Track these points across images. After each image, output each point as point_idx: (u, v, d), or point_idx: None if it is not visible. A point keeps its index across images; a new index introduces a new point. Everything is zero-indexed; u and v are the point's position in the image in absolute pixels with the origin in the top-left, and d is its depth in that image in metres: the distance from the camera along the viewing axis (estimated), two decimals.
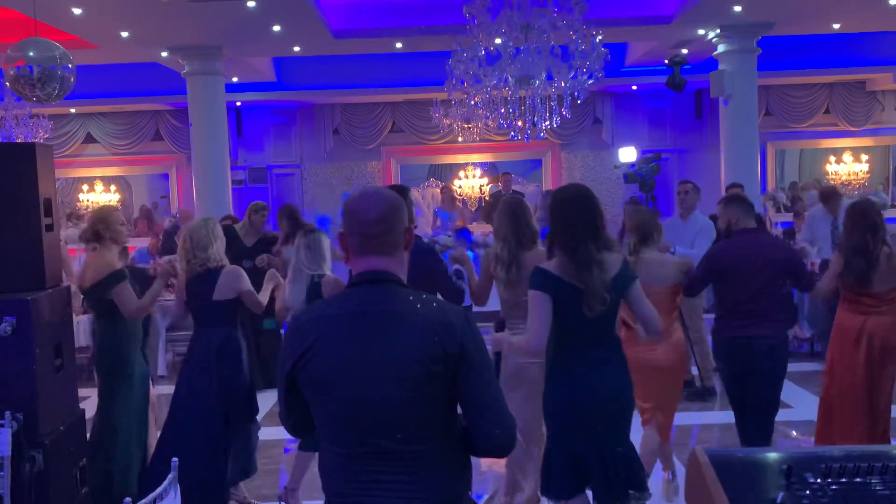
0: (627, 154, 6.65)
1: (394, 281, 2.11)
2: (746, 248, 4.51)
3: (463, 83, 7.52)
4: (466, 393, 2.06)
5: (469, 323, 2.08)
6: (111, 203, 15.37)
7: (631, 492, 3.42)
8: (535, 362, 3.80)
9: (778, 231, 11.33)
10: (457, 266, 4.71)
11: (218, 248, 4.65)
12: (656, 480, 4.68)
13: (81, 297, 5.10)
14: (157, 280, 4.73)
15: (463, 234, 9.41)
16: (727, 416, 6.60)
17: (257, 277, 5.17)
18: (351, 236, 2.12)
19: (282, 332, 4.86)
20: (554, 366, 3.45)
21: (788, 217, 12.33)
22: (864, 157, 15.33)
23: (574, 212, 3.37)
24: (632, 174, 6.66)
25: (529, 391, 3.99)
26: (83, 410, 4.05)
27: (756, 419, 4.55)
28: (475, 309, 4.85)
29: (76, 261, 9.96)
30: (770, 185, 14.87)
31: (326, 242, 4.88)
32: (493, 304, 4.54)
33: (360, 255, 2.11)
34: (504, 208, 4.31)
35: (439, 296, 4.24)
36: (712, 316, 4.86)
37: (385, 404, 2.01)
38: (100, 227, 4.62)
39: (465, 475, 2.17)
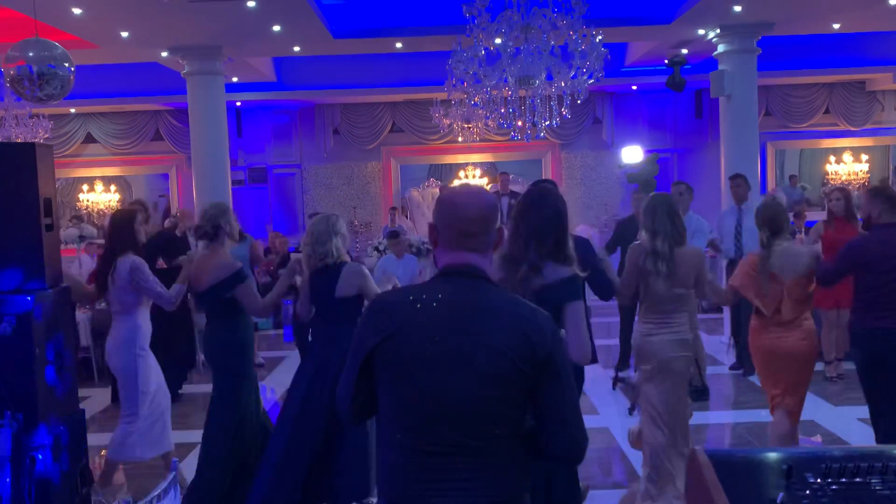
0: (631, 154, 6.61)
1: (485, 277, 2.12)
2: (888, 242, 4.57)
3: (463, 83, 7.51)
4: (548, 399, 2.05)
5: (557, 330, 2.10)
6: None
7: None
8: (682, 356, 4.35)
9: (815, 231, 11.30)
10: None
11: (337, 243, 4.52)
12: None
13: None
14: (283, 277, 4.72)
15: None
16: (726, 416, 6.64)
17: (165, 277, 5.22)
18: (447, 230, 2.14)
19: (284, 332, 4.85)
20: None
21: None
22: (864, 157, 15.34)
23: (533, 216, 3.31)
24: (632, 175, 6.65)
25: (674, 383, 4.38)
26: (83, 410, 4.05)
27: (892, 411, 4.59)
28: None
29: (75, 261, 9.96)
30: (770, 185, 14.87)
31: None
32: None
33: (454, 249, 2.13)
34: (659, 206, 4.38)
35: (589, 286, 4.31)
36: (707, 316, 4.89)
37: (464, 397, 1.99)
38: (221, 222, 4.62)
39: (526, 475, 2.14)
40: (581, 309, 3.26)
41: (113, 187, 15.65)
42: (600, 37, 6.96)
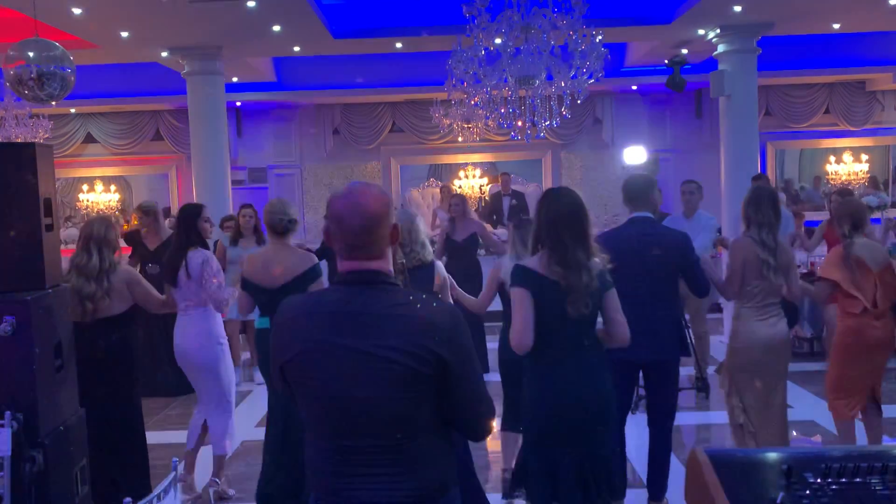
0: (633, 154, 6.59)
1: (381, 281, 2.11)
2: None
3: (463, 83, 7.51)
4: (452, 393, 2.09)
5: (455, 322, 2.08)
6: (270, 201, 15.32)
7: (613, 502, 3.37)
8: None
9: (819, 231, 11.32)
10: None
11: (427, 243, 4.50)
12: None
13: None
14: None
15: None
16: (727, 417, 6.63)
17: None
18: (337, 240, 2.12)
19: None
20: (532, 362, 3.40)
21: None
22: (864, 157, 15.33)
23: (566, 217, 3.35)
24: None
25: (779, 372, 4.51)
26: (83, 410, 4.05)
27: None
28: None
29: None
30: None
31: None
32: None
33: (348, 259, 2.12)
34: (764, 197, 4.40)
35: (683, 280, 4.38)
36: (714, 316, 4.91)
37: (369, 402, 2.03)
38: (296, 216, 4.64)
39: (451, 466, 2.18)
40: (616, 294, 3.39)
41: (113, 187, 15.64)
42: (600, 37, 6.97)
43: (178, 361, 4.98)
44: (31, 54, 6.77)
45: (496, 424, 4.68)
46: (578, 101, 7.36)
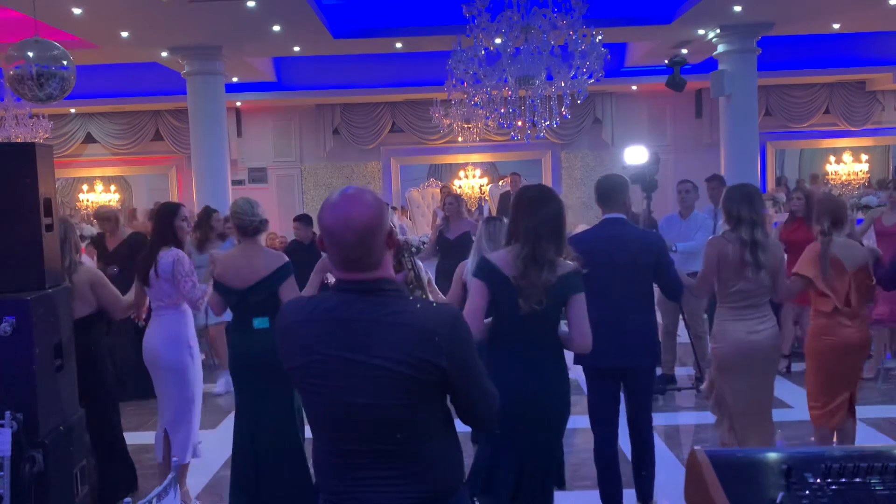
0: (634, 154, 6.57)
1: (380, 289, 2.09)
2: None
3: (463, 83, 7.52)
4: (454, 394, 2.11)
5: (455, 328, 2.07)
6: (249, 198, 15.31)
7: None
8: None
9: (777, 230, 11.33)
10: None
11: None
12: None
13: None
14: (315, 275, 4.43)
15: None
16: None
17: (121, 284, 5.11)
18: (331, 253, 2.09)
19: None
20: (489, 354, 3.37)
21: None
22: (864, 157, 15.34)
23: (541, 212, 3.32)
24: (635, 174, 6.67)
25: (767, 374, 4.34)
26: (83, 410, 4.04)
27: None
28: None
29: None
30: (770, 185, 14.87)
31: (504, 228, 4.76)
32: None
33: (344, 271, 2.09)
34: (755, 195, 4.32)
35: (656, 284, 4.26)
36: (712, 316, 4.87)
37: (370, 409, 2.03)
38: (265, 216, 4.57)
39: (457, 467, 2.19)
40: (584, 300, 3.30)
41: (113, 187, 15.65)
42: (600, 37, 6.97)
43: (146, 362, 4.91)
44: (31, 54, 6.77)
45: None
46: (578, 101, 7.37)
